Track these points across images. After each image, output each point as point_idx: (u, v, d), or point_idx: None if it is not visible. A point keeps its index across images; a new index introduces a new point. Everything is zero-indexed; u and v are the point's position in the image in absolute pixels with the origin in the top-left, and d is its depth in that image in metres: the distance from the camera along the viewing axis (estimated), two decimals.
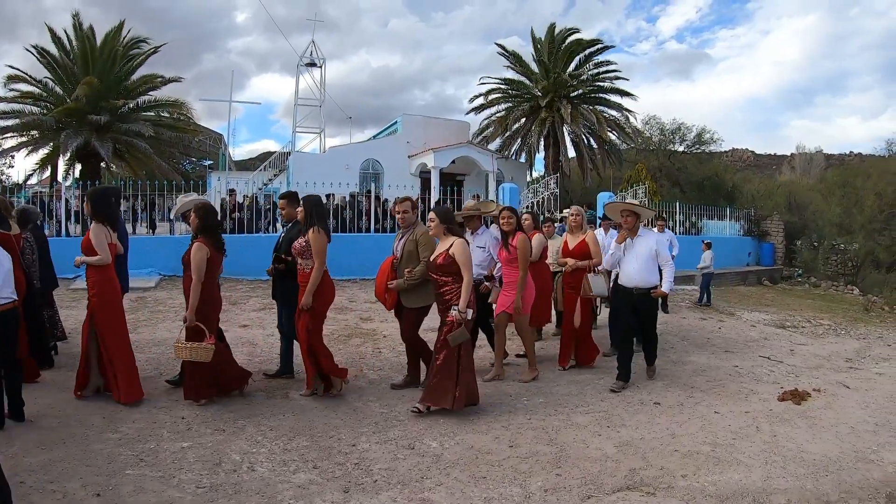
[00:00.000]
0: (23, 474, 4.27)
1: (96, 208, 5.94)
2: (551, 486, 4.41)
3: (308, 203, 6.15)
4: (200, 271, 5.63)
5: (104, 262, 5.75)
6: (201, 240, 5.76)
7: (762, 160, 73.14)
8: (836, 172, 36.02)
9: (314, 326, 6.03)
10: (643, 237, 7.04)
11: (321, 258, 5.90)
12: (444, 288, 5.83)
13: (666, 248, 7.25)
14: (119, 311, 5.95)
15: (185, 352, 5.60)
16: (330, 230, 6.23)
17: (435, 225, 6.01)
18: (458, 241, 5.85)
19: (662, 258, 7.03)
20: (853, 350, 9.92)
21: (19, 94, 23.34)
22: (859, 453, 5.25)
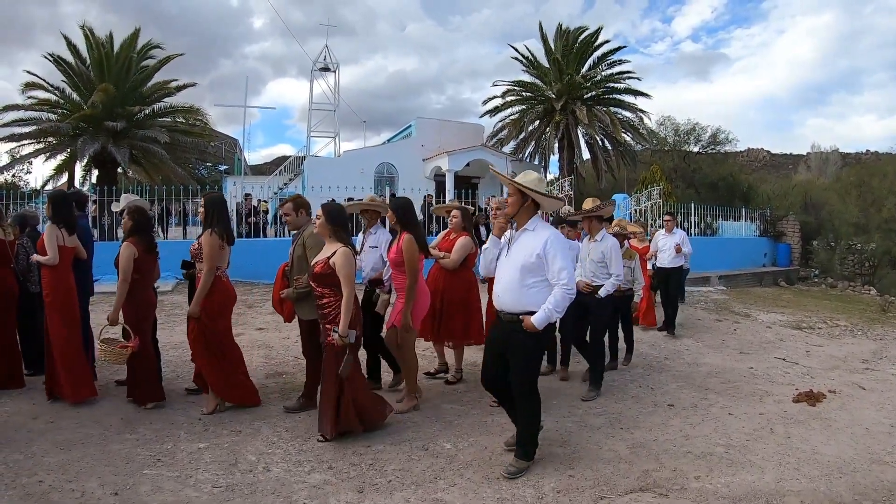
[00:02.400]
0: (41, 473, 4.34)
1: (56, 211, 6.04)
2: (564, 487, 4.43)
3: (208, 203, 5.83)
4: (126, 271, 5.64)
5: (51, 262, 5.81)
6: (131, 240, 5.79)
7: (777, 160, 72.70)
8: (851, 172, 35.70)
9: (206, 337, 5.61)
10: (531, 233, 4.60)
11: (211, 262, 5.52)
12: (324, 300, 5.09)
13: (614, 253, 6.87)
14: (72, 312, 5.99)
15: (100, 353, 5.64)
16: (232, 233, 5.87)
17: (320, 223, 5.24)
18: (342, 251, 5.03)
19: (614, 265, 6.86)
20: (869, 351, 9.86)
21: (36, 102, 23.54)
22: (874, 455, 5.23)
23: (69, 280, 5.99)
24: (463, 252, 6.58)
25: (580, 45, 29.32)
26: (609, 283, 6.80)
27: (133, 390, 5.90)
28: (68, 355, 5.82)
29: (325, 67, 31.45)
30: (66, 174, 25.46)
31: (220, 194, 6.15)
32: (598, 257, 6.92)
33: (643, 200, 21.71)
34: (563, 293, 4.41)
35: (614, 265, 6.83)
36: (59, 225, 5.97)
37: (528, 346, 4.55)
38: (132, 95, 23.82)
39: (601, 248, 6.92)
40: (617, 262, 6.85)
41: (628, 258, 7.83)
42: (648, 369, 8.01)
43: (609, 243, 6.92)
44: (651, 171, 28.01)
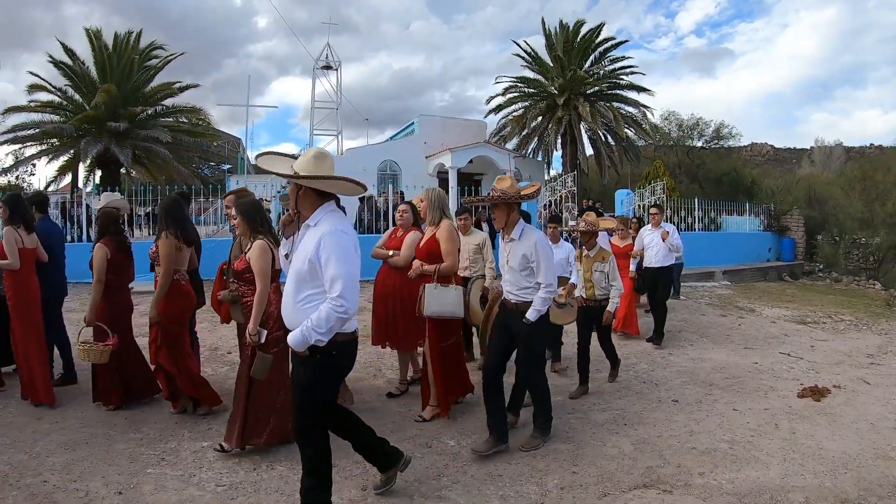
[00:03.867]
0: (46, 473, 4.36)
1: (13, 213, 6.04)
2: (568, 483, 4.43)
3: (162, 206, 5.81)
4: (99, 272, 5.64)
5: (13, 266, 5.84)
6: (103, 241, 5.81)
7: (781, 154, 72.37)
8: (855, 166, 35.54)
9: (164, 341, 5.52)
10: (312, 230, 3.64)
11: (167, 265, 5.42)
12: (245, 299, 4.96)
13: (542, 255, 5.00)
14: (34, 314, 6.00)
15: (81, 352, 5.64)
16: (190, 234, 5.80)
17: (238, 223, 5.11)
18: (256, 244, 4.88)
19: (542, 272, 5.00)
20: (875, 346, 9.83)
21: (40, 104, 23.60)
22: (879, 450, 5.22)
23: (31, 282, 6.02)
24: (413, 248, 6.14)
25: (582, 40, 29.22)
26: (538, 300, 4.97)
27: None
28: (29, 357, 5.87)
29: (328, 66, 31.44)
30: (70, 175, 25.53)
31: (175, 197, 6.08)
32: (520, 262, 5.05)
33: (647, 196, 21.67)
34: (332, 310, 3.38)
35: (543, 272, 4.97)
36: (16, 227, 5.98)
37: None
38: (135, 96, 23.86)
39: (522, 248, 5.03)
40: (547, 268, 4.97)
41: (600, 260, 6.81)
42: (652, 365, 8.00)
43: (532, 240, 5.03)
44: (654, 167, 27.99)
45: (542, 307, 5.02)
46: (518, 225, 5.13)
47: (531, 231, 5.13)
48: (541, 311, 5.02)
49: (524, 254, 5.01)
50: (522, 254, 5.02)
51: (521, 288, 5.12)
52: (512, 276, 5.16)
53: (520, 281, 5.11)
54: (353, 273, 3.47)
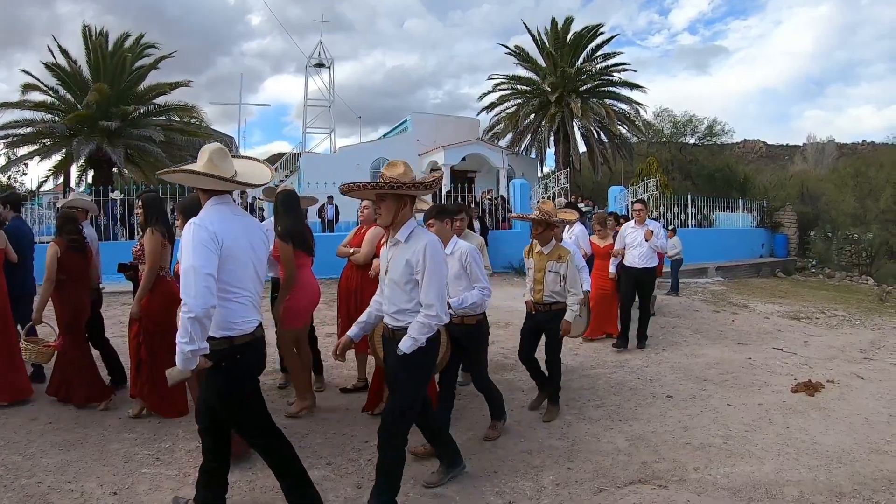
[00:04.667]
0: (40, 474, 4.34)
1: None
2: (563, 479, 4.43)
3: (146, 202, 5.67)
4: (49, 270, 5.61)
5: None
6: (55, 240, 5.80)
7: (774, 151, 72.70)
8: (848, 162, 35.69)
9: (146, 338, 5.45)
10: None
11: (152, 262, 5.37)
12: None
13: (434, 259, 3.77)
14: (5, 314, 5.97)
15: (24, 351, 5.62)
16: (173, 231, 5.72)
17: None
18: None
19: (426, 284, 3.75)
20: (868, 341, 9.86)
21: (32, 104, 23.50)
22: (873, 445, 5.24)
23: None
24: (374, 244, 5.99)
25: (574, 37, 29.28)
26: (415, 326, 3.75)
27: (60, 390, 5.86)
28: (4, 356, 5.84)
29: (320, 64, 31.45)
30: (62, 175, 25.43)
31: (157, 193, 6.04)
32: (402, 272, 3.86)
33: (640, 192, 21.70)
34: (183, 315, 3.17)
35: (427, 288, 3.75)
36: None
37: None
38: (127, 95, 23.77)
39: (407, 254, 3.84)
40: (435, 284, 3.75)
41: (556, 259, 5.76)
42: (647, 361, 8.01)
43: (422, 243, 3.80)
44: (647, 163, 28.03)
45: (420, 335, 3.73)
46: (407, 225, 3.87)
47: (423, 233, 3.90)
48: (417, 342, 3.72)
49: (408, 259, 3.77)
50: (406, 260, 3.78)
51: (401, 309, 3.87)
52: (392, 292, 3.90)
53: (401, 299, 3.86)
54: (197, 267, 3.20)
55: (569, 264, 5.74)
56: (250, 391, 3.58)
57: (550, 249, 5.88)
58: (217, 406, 3.52)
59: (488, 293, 4.98)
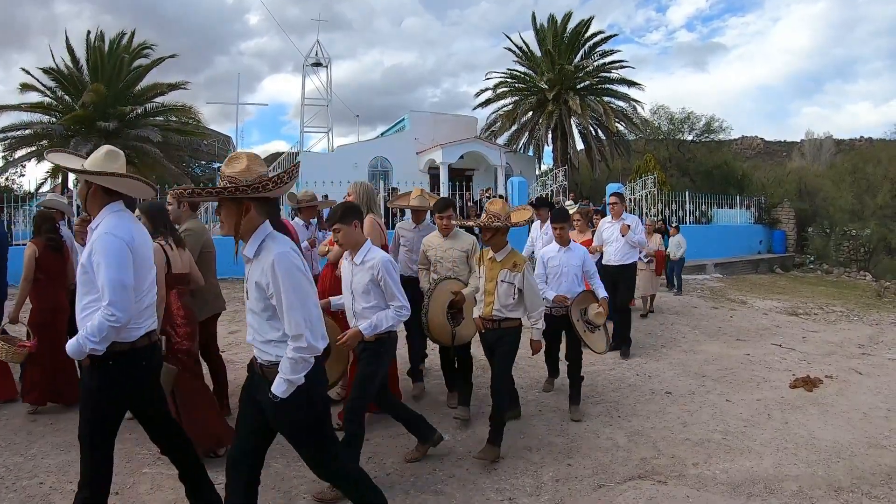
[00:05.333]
0: (42, 475, 4.35)
1: None
2: (563, 475, 4.45)
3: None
4: (27, 270, 5.65)
5: None
6: (33, 240, 5.84)
7: (772, 147, 72.68)
8: (846, 158, 35.74)
9: None
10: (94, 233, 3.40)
11: None
12: None
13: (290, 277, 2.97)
14: None
15: None
16: None
17: None
18: None
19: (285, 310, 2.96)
20: (866, 336, 9.88)
21: (29, 105, 23.52)
22: (871, 439, 5.26)
23: None
24: None
25: (572, 34, 29.29)
26: (286, 364, 2.95)
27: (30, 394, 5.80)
28: None
29: (317, 63, 31.39)
30: (60, 176, 25.42)
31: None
32: (256, 296, 3.07)
33: (637, 189, 21.72)
34: (103, 319, 3.14)
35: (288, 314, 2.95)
36: None
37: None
38: (124, 95, 23.78)
39: (256, 274, 3.03)
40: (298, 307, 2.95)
41: (510, 268, 4.94)
42: (645, 357, 8.02)
43: (270, 259, 2.98)
44: (645, 161, 28.02)
45: (295, 375, 2.95)
46: (256, 235, 3.04)
47: (274, 244, 3.02)
48: (292, 382, 2.97)
49: (257, 281, 3.02)
50: (255, 282, 3.03)
51: (267, 340, 3.09)
52: (252, 319, 3.15)
53: (264, 328, 3.10)
54: (123, 279, 3.19)
55: (525, 275, 4.92)
56: (117, 402, 3.44)
57: (504, 256, 5.01)
58: (82, 401, 3.41)
59: (406, 313, 4.27)
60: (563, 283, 6.13)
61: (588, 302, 5.95)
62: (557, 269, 6.16)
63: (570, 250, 6.22)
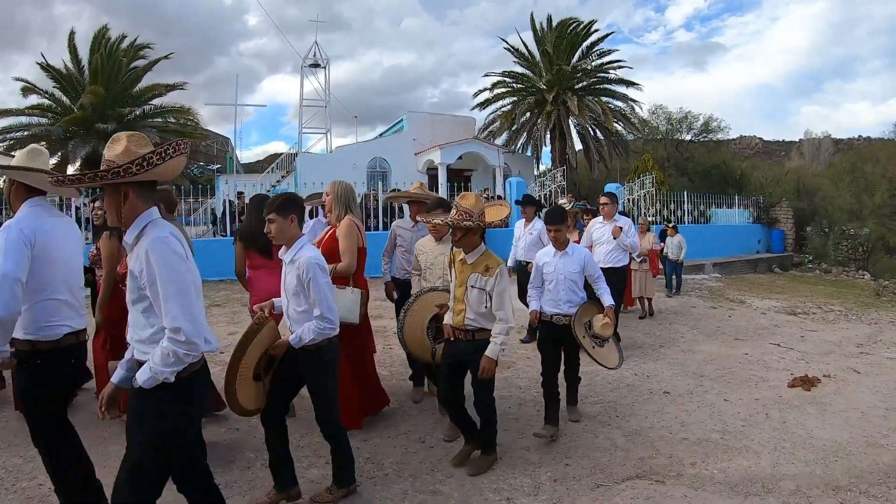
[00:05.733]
0: (41, 477, 4.34)
1: None
2: (561, 476, 4.46)
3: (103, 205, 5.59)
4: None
5: None
6: None
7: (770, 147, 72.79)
8: (844, 158, 35.75)
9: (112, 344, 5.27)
10: None
11: (110, 266, 5.18)
12: None
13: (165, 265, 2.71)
14: None
15: None
16: None
17: None
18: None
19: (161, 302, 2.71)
20: (864, 335, 9.89)
21: (28, 107, 23.51)
22: (869, 438, 5.27)
23: None
24: None
25: (571, 35, 29.32)
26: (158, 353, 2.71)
27: None
28: None
29: (316, 64, 31.41)
30: None
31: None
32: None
33: (636, 189, 21.74)
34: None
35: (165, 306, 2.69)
36: None
37: None
38: (123, 97, 23.78)
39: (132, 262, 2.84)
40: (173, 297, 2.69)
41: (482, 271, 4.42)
42: (643, 357, 8.02)
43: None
44: (643, 160, 28.10)
45: (164, 368, 2.69)
46: (137, 222, 2.79)
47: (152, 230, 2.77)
48: (157, 376, 2.70)
49: (132, 269, 2.81)
50: (131, 269, 2.82)
51: (141, 339, 2.85)
52: (130, 316, 2.92)
53: (138, 324, 2.86)
54: (8, 273, 3.11)
55: (498, 279, 4.37)
56: (52, 396, 3.43)
57: (476, 258, 4.47)
58: (20, 399, 3.46)
59: (330, 326, 3.80)
60: (560, 291, 5.36)
61: (592, 313, 5.44)
62: (553, 276, 5.41)
63: (568, 255, 5.45)
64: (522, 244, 8.81)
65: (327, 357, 3.91)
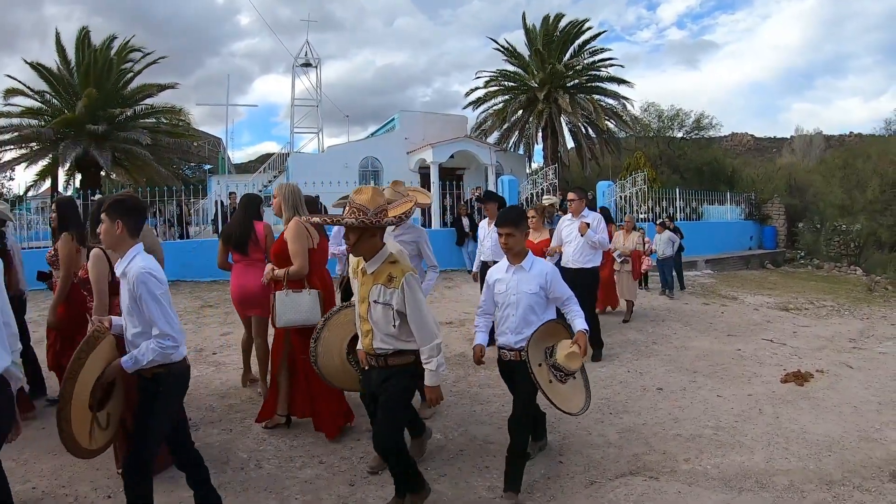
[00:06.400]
0: (35, 479, 4.34)
1: None
2: (554, 473, 4.46)
3: (60, 206, 5.53)
4: None
5: None
6: None
7: (762, 143, 73.05)
8: (836, 154, 35.84)
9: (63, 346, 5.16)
10: None
11: (67, 268, 5.12)
12: None
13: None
14: None
15: None
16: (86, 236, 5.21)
17: None
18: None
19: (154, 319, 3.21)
20: (856, 330, 9.93)
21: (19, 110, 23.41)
22: (862, 433, 5.29)
23: None
24: None
25: (562, 33, 29.32)
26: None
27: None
28: None
29: (307, 63, 31.33)
30: (49, 179, 25.32)
31: (71, 197, 5.86)
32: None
33: (628, 187, 21.75)
34: None
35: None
36: None
37: None
38: (114, 98, 23.66)
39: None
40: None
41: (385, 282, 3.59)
42: (636, 354, 8.04)
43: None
44: (635, 158, 28.10)
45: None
46: None
47: None
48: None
49: None
50: None
51: None
52: None
53: None
54: None
55: (405, 291, 3.52)
56: None
57: (378, 267, 3.63)
58: None
59: (171, 345, 3.24)
60: (511, 316, 4.18)
61: (557, 336, 4.17)
62: (504, 298, 4.23)
63: (524, 270, 4.23)
64: (488, 244, 8.08)
65: (162, 388, 3.33)
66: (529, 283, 4.16)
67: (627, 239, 11.03)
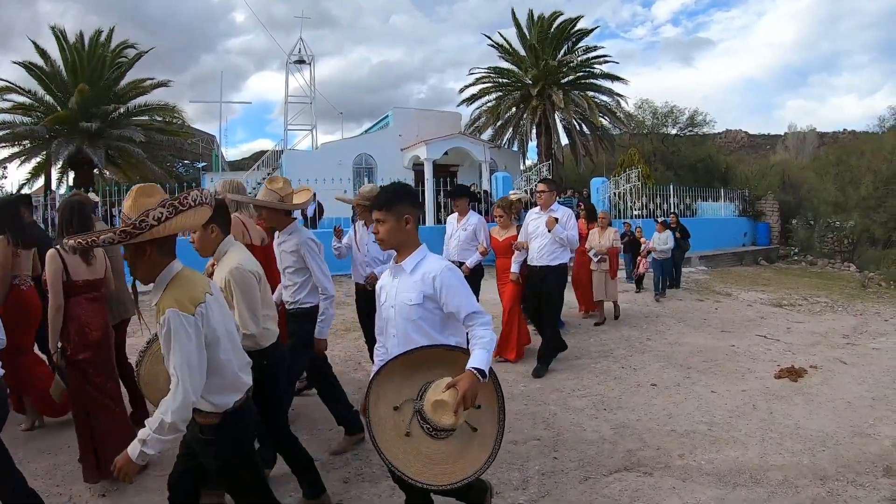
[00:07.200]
0: (29, 479, 4.30)
1: None
2: (549, 469, 4.46)
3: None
4: None
5: None
6: None
7: (756, 140, 73.23)
8: (830, 151, 35.99)
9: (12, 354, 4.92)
10: None
11: (2, 270, 4.88)
12: None
13: None
14: None
15: None
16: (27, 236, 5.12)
17: None
18: None
19: None
20: (850, 326, 9.94)
21: (10, 107, 23.29)
22: (856, 428, 5.29)
23: None
24: None
25: (556, 30, 29.31)
26: None
27: None
28: None
29: (301, 60, 31.23)
30: (42, 177, 25.23)
31: (8, 198, 5.71)
32: None
33: (622, 183, 21.77)
34: None
35: None
36: None
37: None
38: (107, 95, 23.59)
39: None
40: None
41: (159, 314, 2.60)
42: (631, 350, 8.04)
43: None
44: (629, 155, 28.14)
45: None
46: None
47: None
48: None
49: None
50: None
51: None
52: None
53: None
54: None
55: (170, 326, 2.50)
56: None
57: (159, 294, 2.64)
58: None
59: None
60: (392, 337, 3.05)
61: (435, 371, 2.82)
62: (385, 310, 3.09)
63: (404, 272, 3.00)
64: (455, 242, 7.48)
65: None
66: (409, 290, 2.96)
67: (603, 236, 10.31)
